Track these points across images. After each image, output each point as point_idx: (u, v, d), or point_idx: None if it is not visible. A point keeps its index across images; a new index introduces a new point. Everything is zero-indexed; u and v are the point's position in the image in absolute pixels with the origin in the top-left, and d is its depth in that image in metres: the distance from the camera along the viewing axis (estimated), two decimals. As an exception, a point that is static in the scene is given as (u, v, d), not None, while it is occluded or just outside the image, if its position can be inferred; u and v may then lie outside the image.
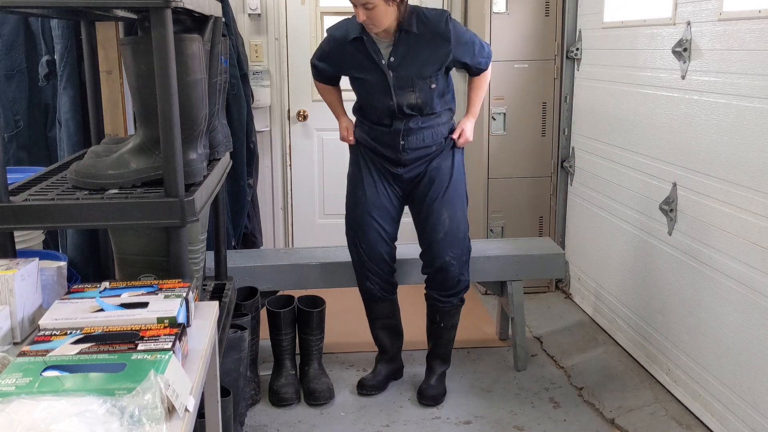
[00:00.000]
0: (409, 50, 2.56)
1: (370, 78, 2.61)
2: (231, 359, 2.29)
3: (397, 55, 2.56)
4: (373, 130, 2.72)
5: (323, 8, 4.11)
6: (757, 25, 2.21)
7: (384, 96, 2.61)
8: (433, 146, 2.70)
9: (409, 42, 2.55)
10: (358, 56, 2.61)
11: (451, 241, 2.76)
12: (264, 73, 4.05)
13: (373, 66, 2.59)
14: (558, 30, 3.71)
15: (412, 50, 2.56)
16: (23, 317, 1.39)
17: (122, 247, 1.77)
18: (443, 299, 2.82)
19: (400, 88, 2.59)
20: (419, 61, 2.57)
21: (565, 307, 3.75)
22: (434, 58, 2.58)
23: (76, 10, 1.92)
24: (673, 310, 2.74)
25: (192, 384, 1.19)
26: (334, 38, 2.67)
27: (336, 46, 2.67)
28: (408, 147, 2.67)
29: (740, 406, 2.34)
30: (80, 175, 1.69)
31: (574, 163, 3.73)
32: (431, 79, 2.60)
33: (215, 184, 1.96)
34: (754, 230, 2.24)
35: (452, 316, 2.87)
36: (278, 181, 4.25)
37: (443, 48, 2.57)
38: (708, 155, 2.49)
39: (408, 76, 2.58)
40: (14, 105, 2.68)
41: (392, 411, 2.82)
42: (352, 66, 2.65)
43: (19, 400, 0.98)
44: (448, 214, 2.73)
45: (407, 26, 2.52)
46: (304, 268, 3.04)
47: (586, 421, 2.74)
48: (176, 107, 1.55)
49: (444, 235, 2.74)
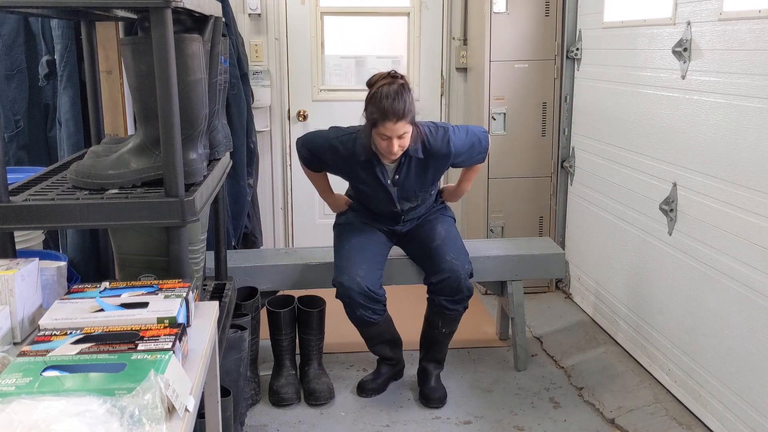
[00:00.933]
0: (412, 170, 2.72)
1: (372, 190, 2.78)
2: (231, 359, 2.29)
3: (401, 174, 2.72)
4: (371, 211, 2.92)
5: (323, 8, 4.11)
6: (757, 25, 2.21)
7: (387, 204, 2.81)
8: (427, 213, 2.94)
9: (412, 164, 2.70)
10: (362, 173, 2.73)
11: (450, 246, 2.79)
12: (264, 73, 4.05)
13: (378, 183, 2.74)
14: (558, 30, 3.71)
15: (415, 170, 2.72)
16: (23, 317, 1.39)
17: (122, 247, 1.77)
18: (451, 307, 2.78)
19: (403, 198, 2.80)
20: (422, 179, 2.76)
21: (565, 307, 3.75)
22: (435, 174, 2.78)
23: (76, 10, 1.93)
24: (674, 310, 2.74)
25: (192, 384, 1.19)
26: (337, 152, 2.71)
27: (338, 158, 2.73)
28: (406, 219, 2.91)
29: (740, 406, 2.34)
30: (80, 175, 1.69)
31: (574, 163, 3.73)
32: (432, 188, 2.86)
33: (215, 184, 1.96)
34: (754, 230, 2.24)
35: (455, 322, 2.86)
36: (278, 181, 4.25)
37: (444, 163, 2.75)
38: (708, 155, 2.49)
39: (411, 190, 2.78)
40: (14, 105, 2.68)
41: (392, 411, 2.82)
42: (354, 178, 2.79)
43: (19, 400, 0.98)
44: (444, 228, 2.88)
45: (413, 152, 2.66)
46: (304, 268, 3.04)
47: (586, 421, 2.74)
48: (176, 107, 1.55)
49: (442, 241, 2.81)
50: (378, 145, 2.59)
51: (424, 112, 4.29)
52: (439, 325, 2.85)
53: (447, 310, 2.79)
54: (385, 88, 2.51)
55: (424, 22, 4.18)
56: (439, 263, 2.76)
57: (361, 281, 2.68)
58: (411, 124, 2.55)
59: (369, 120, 2.56)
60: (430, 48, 4.21)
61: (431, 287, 2.81)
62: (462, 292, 2.76)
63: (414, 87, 4.24)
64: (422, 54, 4.21)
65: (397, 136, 2.53)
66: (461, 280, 2.74)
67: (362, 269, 2.72)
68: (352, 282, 2.69)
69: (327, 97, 4.20)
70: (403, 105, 2.50)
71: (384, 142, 2.55)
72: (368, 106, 2.56)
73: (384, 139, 2.54)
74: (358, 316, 2.73)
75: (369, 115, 2.56)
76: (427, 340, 2.93)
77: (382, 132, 2.52)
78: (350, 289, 2.68)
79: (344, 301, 2.72)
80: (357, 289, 2.68)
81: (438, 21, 4.17)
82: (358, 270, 2.71)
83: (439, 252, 2.77)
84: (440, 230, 2.85)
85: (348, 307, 2.73)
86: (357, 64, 4.25)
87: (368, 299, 2.70)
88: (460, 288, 2.74)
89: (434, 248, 2.80)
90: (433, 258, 2.79)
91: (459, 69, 4.20)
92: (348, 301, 2.71)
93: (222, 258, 2.42)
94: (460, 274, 2.73)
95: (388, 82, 2.54)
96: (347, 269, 2.72)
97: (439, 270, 2.75)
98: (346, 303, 2.72)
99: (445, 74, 4.23)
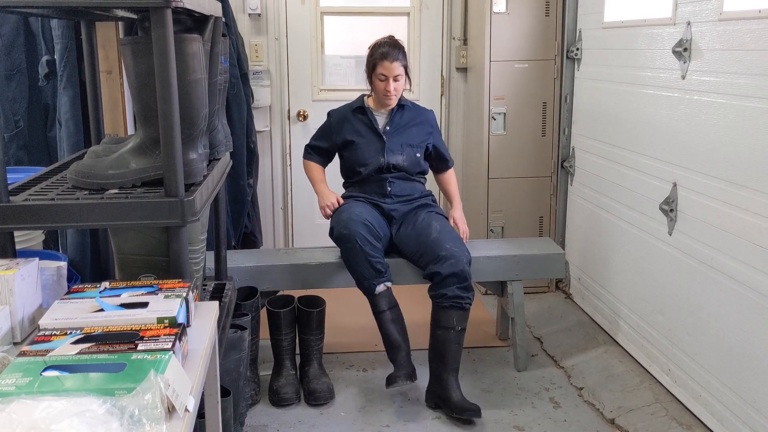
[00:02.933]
0: (401, 123, 3.11)
1: (365, 141, 3.07)
2: (231, 359, 2.29)
3: (392, 125, 3.09)
4: (360, 184, 3.11)
5: (323, 8, 4.11)
6: (757, 25, 2.21)
7: (377, 155, 3.05)
8: (415, 194, 3.11)
9: (402, 118, 3.11)
10: (358, 124, 3.10)
11: (448, 237, 2.88)
12: (264, 73, 4.05)
13: (371, 132, 3.08)
14: (558, 30, 3.71)
15: (403, 124, 3.11)
16: (23, 317, 1.39)
17: (122, 247, 1.77)
18: (463, 295, 2.76)
19: (391, 150, 3.06)
20: (408, 133, 3.11)
21: (565, 307, 3.75)
22: (420, 134, 3.13)
23: (76, 10, 1.92)
24: (674, 310, 2.74)
25: (192, 384, 1.19)
26: (338, 112, 3.16)
27: (338, 118, 3.14)
28: (393, 192, 3.07)
29: (740, 406, 2.34)
30: (80, 175, 1.69)
31: (574, 163, 3.73)
32: (416, 149, 3.10)
33: (215, 184, 1.96)
34: (754, 230, 2.24)
35: (467, 314, 2.80)
36: (278, 181, 4.25)
37: (426, 129, 3.16)
38: (708, 155, 2.49)
39: (399, 142, 3.08)
40: (14, 105, 2.68)
41: (392, 411, 2.82)
42: (351, 132, 3.10)
43: (19, 400, 0.98)
44: (439, 223, 2.97)
45: (403, 102, 3.13)
46: (304, 268, 3.04)
47: (586, 421, 2.74)
48: (176, 107, 1.55)
49: (438, 234, 2.89)
50: (377, 88, 3.03)
51: (424, 112, 4.29)
52: (454, 323, 2.76)
53: (460, 299, 2.77)
54: (383, 41, 3.05)
55: (424, 22, 4.18)
56: (439, 251, 2.81)
57: (359, 214, 2.88)
58: (404, 70, 3.01)
59: (369, 66, 3.04)
60: (430, 48, 4.21)
61: (437, 280, 2.77)
62: (467, 279, 2.78)
63: (414, 87, 4.25)
64: (422, 54, 4.21)
65: (393, 77, 2.97)
66: (464, 264, 2.78)
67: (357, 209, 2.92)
68: (350, 215, 2.86)
69: (327, 97, 4.19)
70: (398, 50, 3.01)
71: (382, 84, 2.99)
72: (368, 58, 3.05)
73: (382, 80, 2.99)
74: (361, 249, 2.79)
75: (369, 62, 3.04)
76: (443, 346, 2.79)
77: (380, 72, 2.98)
78: (349, 220, 2.85)
79: (343, 235, 2.83)
80: (355, 219, 2.85)
81: (438, 21, 4.18)
82: (354, 209, 2.91)
83: (438, 242, 2.85)
84: (436, 225, 2.94)
85: (350, 243, 2.81)
86: (357, 64, 4.25)
87: (367, 230, 2.83)
88: (464, 273, 2.77)
89: (432, 240, 2.87)
90: (433, 248, 2.84)
91: (459, 69, 4.20)
92: (347, 234, 2.81)
93: (222, 258, 2.42)
94: (461, 258, 2.79)
95: (386, 39, 3.06)
96: (343, 210, 2.94)
97: (441, 257, 2.79)
98: (345, 237, 2.82)
99: (445, 74, 4.23)
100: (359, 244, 2.79)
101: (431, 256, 2.82)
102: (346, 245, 2.82)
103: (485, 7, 3.67)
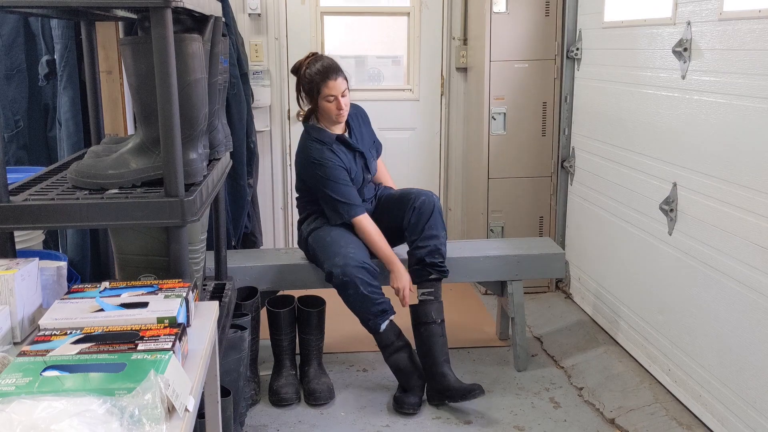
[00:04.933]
0: (359, 131, 2.99)
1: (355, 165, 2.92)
2: (231, 359, 2.29)
3: (354, 136, 2.96)
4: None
5: (323, 8, 4.11)
6: (757, 25, 2.21)
7: (363, 173, 2.96)
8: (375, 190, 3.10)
9: (357, 125, 2.99)
10: (343, 155, 2.88)
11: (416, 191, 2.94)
12: (264, 73, 4.05)
13: (350, 153, 2.91)
14: (558, 30, 3.71)
15: (359, 132, 2.99)
16: (23, 317, 1.39)
17: (122, 247, 1.77)
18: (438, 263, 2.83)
19: (370, 162, 2.99)
20: (367, 138, 3.03)
21: (565, 307, 3.75)
22: (370, 133, 3.06)
23: (76, 10, 1.92)
24: (674, 310, 2.74)
25: (192, 384, 1.19)
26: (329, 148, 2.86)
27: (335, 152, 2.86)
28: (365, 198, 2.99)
29: (740, 406, 2.34)
30: (80, 175, 1.69)
31: (574, 162, 3.73)
32: (374, 147, 3.06)
33: (215, 184, 1.96)
34: (754, 230, 2.24)
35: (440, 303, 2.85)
36: (278, 181, 4.25)
37: (369, 126, 3.07)
38: (708, 155, 2.49)
39: (368, 149, 3.00)
40: (14, 105, 2.68)
41: (392, 411, 2.82)
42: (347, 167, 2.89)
43: (19, 400, 0.98)
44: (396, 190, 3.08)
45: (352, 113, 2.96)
46: (304, 268, 3.04)
47: (586, 421, 2.74)
48: (176, 107, 1.55)
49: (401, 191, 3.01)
50: (327, 112, 2.82)
51: (424, 112, 4.29)
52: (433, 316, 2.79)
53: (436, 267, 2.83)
54: (308, 61, 2.84)
55: (424, 22, 4.18)
56: (408, 197, 2.90)
57: (354, 256, 2.74)
58: (347, 81, 2.83)
59: (311, 92, 2.81)
60: (430, 48, 4.21)
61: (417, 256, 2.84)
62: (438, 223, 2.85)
63: (414, 87, 4.25)
64: (422, 54, 4.21)
65: (341, 94, 2.79)
66: (435, 202, 2.88)
67: (351, 249, 2.78)
68: (346, 259, 2.73)
69: (327, 97, 4.19)
70: (336, 64, 2.83)
71: (332, 105, 2.80)
72: (305, 84, 2.83)
73: (331, 101, 2.79)
74: (364, 295, 2.70)
75: (309, 88, 2.81)
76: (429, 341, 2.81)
77: (328, 93, 2.78)
78: (346, 265, 2.71)
79: (344, 282, 2.70)
80: (353, 264, 2.72)
81: (438, 21, 4.17)
82: (347, 250, 2.77)
83: (405, 193, 2.96)
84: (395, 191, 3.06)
85: (351, 289, 2.70)
86: (357, 64, 4.25)
87: (367, 273, 2.73)
88: (435, 214, 2.85)
89: (399, 195, 2.98)
90: (401, 200, 2.93)
91: (459, 69, 4.20)
92: (348, 281, 2.70)
93: (222, 258, 2.42)
94: (432, 197, 2.89)
95: (313, 58, 2.84)
96: (337, 252, 2.77)
97: (412, 201, 2.87)
98: (346, 284, 2.70)
99: (445, 74, 4.23)
100: (361, 290, 2.70)
101: (403, 207, 2.90)
102: (348, 292, 2.72)
103: (485, 7, 3.67)
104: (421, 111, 4.29)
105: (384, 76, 4.30)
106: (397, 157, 4.19)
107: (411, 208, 2.88)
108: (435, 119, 4.30)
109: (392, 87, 4.29)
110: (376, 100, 4.20)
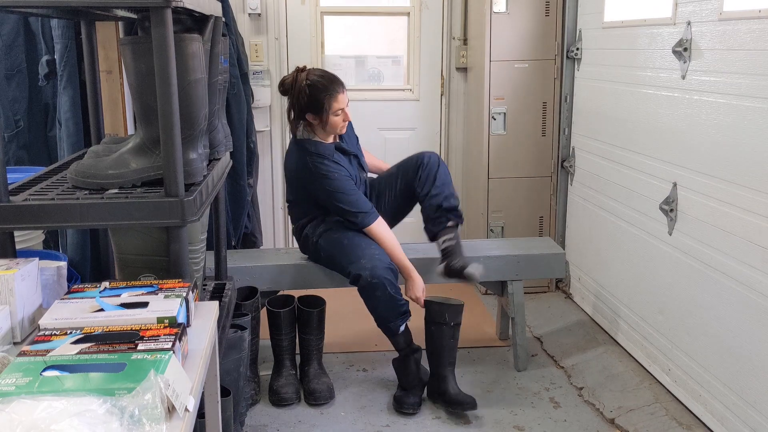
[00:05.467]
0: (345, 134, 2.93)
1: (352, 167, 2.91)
2: (231, 359, 2.29)
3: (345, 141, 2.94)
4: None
5: (323, 8, 4.11)
6: (757, 25, 2.21)
7: (360, 172, 2.97)
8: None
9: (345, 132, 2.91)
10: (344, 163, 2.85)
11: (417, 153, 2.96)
12: (264, 73, 4.05)
13: (348, 156, 2.90)
14: (558, 30, 3.71)
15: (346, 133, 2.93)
16: (23, 317, 1.39)
17: (122, 247, 1.77)
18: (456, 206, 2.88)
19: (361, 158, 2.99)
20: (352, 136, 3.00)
21: (566, 307, 3.75)
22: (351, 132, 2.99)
23: (76, 10, 1.93)
24: (674, 310, 2.74)
25: (192, 384, 1.19)
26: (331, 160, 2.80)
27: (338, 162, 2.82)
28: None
29: (740, 406, 2.34)
30: (80, 175, 1.69)
31: (574, 162, 3.73)
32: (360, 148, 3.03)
33: (215, 184, 1.96)
34: (754, 230, 2.24)
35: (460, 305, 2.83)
36: (278, 181, 4.25)
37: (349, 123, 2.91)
38: (708, 155, 2.49)
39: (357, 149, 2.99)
40: (14, 105, 2.68)
41: (392, 411, 2.82)
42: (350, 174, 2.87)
43: (19, 400, 0.98)
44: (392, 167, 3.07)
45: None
46: (304, 268, 3.04)
47: (586, 421, 2.74)
48: (176, 107, 1.55)
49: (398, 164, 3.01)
50: (334, 125, 2.75)
51: (425, 111, 4.29)
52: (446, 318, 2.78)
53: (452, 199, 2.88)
54: (311, 74, 2.73)
55: (424, 22, 4.18)
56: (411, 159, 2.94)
57: (380, 257, 2.72)
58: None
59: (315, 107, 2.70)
60: (430, 48, 4.21)
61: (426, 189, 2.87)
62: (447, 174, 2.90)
63: (414, 87, 4.25)
64: (422, 54, 4.21)
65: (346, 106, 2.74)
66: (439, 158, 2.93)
67: (374, 250, 2.76)
68: (373, 261, 2.69)
69: (327, 97, 4.19)
70: (334, 75, 2.76)
71: (340, 117, 2.74)
72: (309, 97, 2.68)
73: (339, 114, 2.73)
74: (391, 296, 2.67)
75: (314, 104, 2.69)
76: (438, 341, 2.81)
77: (337, 107, 2.71)
78: (375, 267, 2.67)
79: (372, 284, 2.66)
80: (381, 266, 2.69)
81: (438, 21, 4.17)
82: (372, 252, 2.74)
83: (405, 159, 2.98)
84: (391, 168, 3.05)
85: (379, 291, 2.66)
86: (357, 64, 4.25)
87: (393, 274, 2.72)
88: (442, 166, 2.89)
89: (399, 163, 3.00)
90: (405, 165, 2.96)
91: (459, 69, 4.20)
92: (377, 283, 2.65)
93: (222, 258, 2.42)
94: (433, 156, 2.91)
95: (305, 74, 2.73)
96: (361, 255, 2.72)
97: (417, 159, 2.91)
98: (375, 286, 2.66)
99: (445, 74, 4.23)
100: (389, 291, 2.67)
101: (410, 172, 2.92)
102: (376, 293, 2.67)
103: (485, 7, 3.67)
104: (421, 111, 4.29)
105: (384, 76, 4.30)
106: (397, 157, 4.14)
107: (419, 165, 2.91)
108: (435, 119, 4.30)
109: (392, 87, 4.29)
110: (376, 100, 4.21)
